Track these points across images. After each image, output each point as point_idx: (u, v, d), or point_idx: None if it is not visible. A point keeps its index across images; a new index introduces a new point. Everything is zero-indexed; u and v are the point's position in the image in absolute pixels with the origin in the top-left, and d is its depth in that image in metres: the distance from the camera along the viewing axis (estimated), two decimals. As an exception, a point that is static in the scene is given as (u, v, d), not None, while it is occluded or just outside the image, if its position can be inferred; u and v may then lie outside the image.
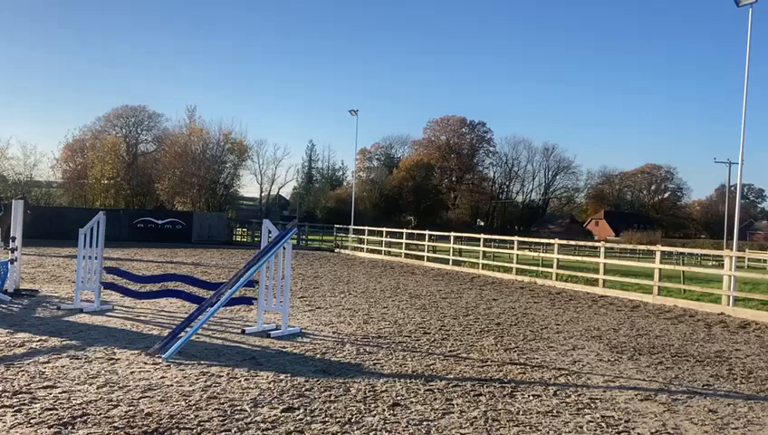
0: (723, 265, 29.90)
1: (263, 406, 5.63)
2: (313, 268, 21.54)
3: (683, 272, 19.41)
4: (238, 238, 42.95)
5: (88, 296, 10.99)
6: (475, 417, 5.62)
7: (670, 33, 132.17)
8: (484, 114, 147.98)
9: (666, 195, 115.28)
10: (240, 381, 6.41)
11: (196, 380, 6.40)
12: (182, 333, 7.75)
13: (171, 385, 6.16)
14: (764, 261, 38.48)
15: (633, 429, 5.50)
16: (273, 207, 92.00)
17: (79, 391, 5.83)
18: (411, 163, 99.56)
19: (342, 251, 33.48)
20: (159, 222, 35.36)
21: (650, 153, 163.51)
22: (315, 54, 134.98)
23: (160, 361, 7.10)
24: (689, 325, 12.25)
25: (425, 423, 5.37)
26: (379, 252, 30.74)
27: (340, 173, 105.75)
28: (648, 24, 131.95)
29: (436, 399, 6.12)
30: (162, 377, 6.45)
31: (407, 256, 28.12)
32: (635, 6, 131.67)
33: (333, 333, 9.45)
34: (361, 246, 33.32)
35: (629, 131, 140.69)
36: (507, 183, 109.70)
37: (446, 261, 25.34)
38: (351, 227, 36.86)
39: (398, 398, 6.09)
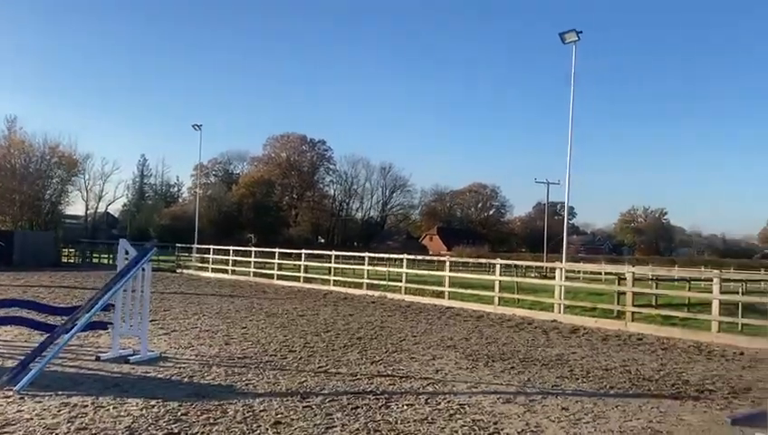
0: (546, 276, 32.63)
1: (140, 433, 5.40)
2: (158, 290, 20.55)
3: (516, 283, 20.95)
4: (64, 259, 39.71)
5: None
6: (357, 429, 5.79)
7: (499, 62, 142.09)
8: (325, 132, 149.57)
9: (491, 212, 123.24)
10: (108, 410, 6.08)
11: (59, 411, 5.98)
12: (32, 364, 7.18)
13: (31, 419, 5.71)
14: (579, 271, 42.62)
15: (502, 429, 5.95)
16: (100, 224, 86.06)
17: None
18: (251, 180, 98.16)
19: (185, 271, 32.24)
20: (-30, 243, 31.80)
21: (477, 173, 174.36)
22: (145, 66, 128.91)
23: (11, 393, 6.53)
24: (529, 332, 13.32)
25: (311, 439, 5.45)
26: (225, 271, 29.99)
27: (176, 189, 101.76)
28: (478, 53, 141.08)
29: (316, 414, 6.21)
30: (18, 411, 5.95)
31: (255, 274, 27.73)
32: (465, 36, 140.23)
33: (196, 355, 9.18)
34: (206, 265, 32.30)
35: (459, 152, 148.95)
36: (347, 200, 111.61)
37: (296, 278, 25.33)
38: (195, 245, 35.61)
39: (279, 416, 6.10)
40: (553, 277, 19.02)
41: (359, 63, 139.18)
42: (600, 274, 35.45)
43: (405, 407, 6.63)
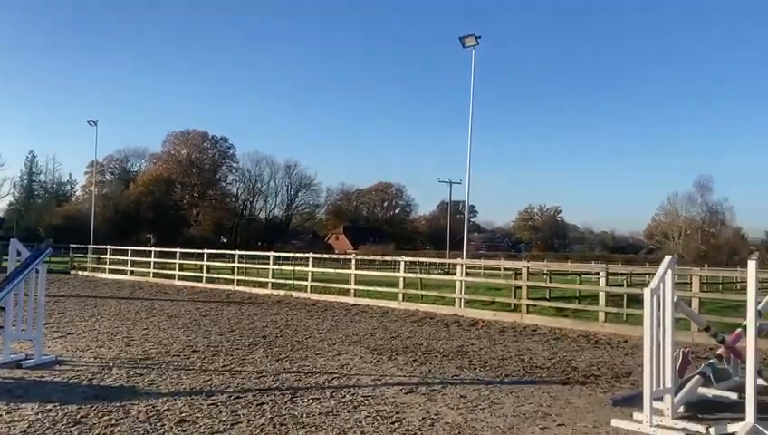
0: (449, 272, 33.56)
1: (38, 438, 5.28)
2: (51, 292, 19.61)
3: (420, 280, 21.51)
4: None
5: None
6: (263, 424, 5.88)
7: (403, 64, 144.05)
8: (227, 129, 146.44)
9: (396, 211, 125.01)
10: (1, 416, 5.87)
11: (-54, 420, 5.72)
12: None
13: None
14: (479, 267, 44.15)
15: (404, 418, 6.21)
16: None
17: None
18: (150, 178, 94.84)
19: (81, 272, 30.84)
20: None
21: (383, 172, 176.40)
22: (34, 62, 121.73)
23: None
24: (432, 326, 13.76)
25: (216, 435, 5.50)
26: (123, 272, 28.94)
27: (68, 188, 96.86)
28: (383, 55, 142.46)
29: (221, 412, 6.25)
30: None
31: (155, 275, 26.94)
32: (370, 36, 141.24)
33: (95, 358, 8.93)
34: (102, 266, 31.05)
35: (365, 151, 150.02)
36: (251, 199, 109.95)
37: (198, 279, 24.84)
38: (91, 246, 34.11)
39: (183, 415, 6.09)
40: (455, 273, 19.65)
41: (262, 62, 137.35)
42: (499, 269, 36.80)
43: (310, 401, 6.77)
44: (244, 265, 26.61)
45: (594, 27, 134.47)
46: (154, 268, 27.56)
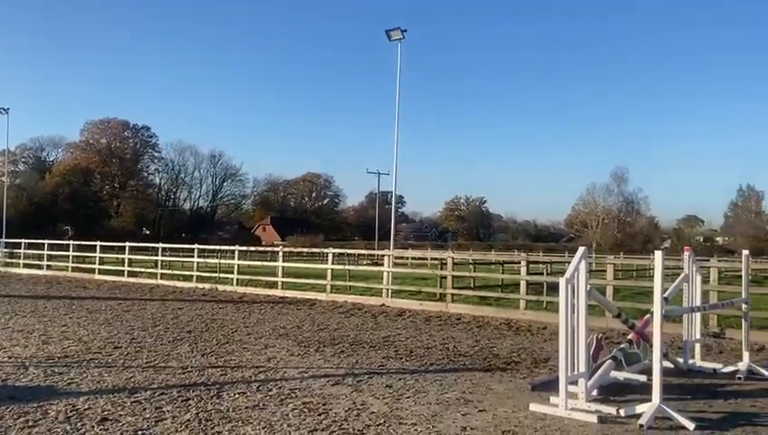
0: (377, 263, 33.82)
1: (-51, 443, 5.07)
2: (-42, 289, 18.67)
3: (348, 271, 21.60)
4: None
5: None
6: (189, 420, 5.84)
7: (332, 54, 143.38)
8: (149, 119, 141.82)
9: (325, 201, 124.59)
10: None
11: None
12: None
13: None
14: (407, 258, 44.67)
15: (330, 410, 6.29)
16: None
17: None
18: (67, 168, 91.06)
19: (-9, 268, 29.37)
20: None
21: (311, 162, 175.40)
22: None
23: None
24: (359, 317, 13.90)
25: (140, 433, 5.42)
26: (39, 267, 27.73)
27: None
28: (312, 44, 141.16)
29: (145, 409, 6.16)
30: None
31: (74, 269, 25.98)
32: (299, 26, 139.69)
33: (9, 357, 8.60)
34: (16, 261, 29.64)
35: (292, 142, 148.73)
36: (174, 190, 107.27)
37: (120, 273, 24.11)
38: (3, 240, 32.49)
39: (105, 413, 5.97)
40: (383, 264, 19.87)
41: (186, 49, 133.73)
42: (426, 259, 37.38)
43: (236, 395, 6.76)
44: (167, 259, 25.99)
45: (520, 21, 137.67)
46: (73, 262, 26.58)
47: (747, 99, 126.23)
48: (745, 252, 8.85)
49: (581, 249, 6.64)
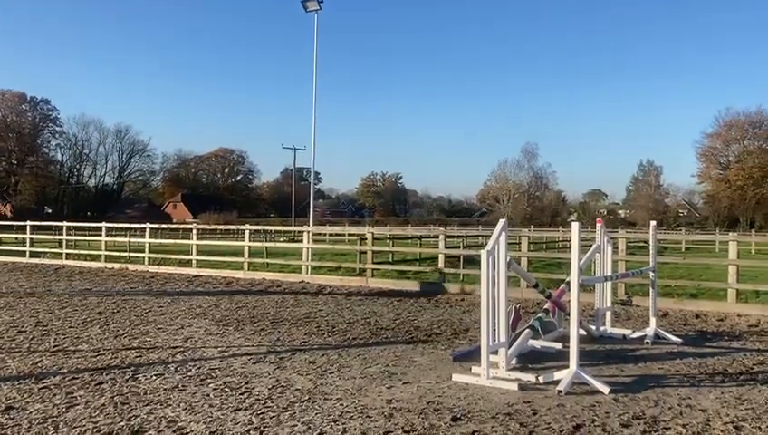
0: (295, 240, 33.50)
1: None
2: None
3: (266, 248, 21.24)
4: None
5: None
6: (103, 404, 5.57)
7: (248, 33, 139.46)
8: (49, 91, 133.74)
9: (239, 177, 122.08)
10: None
11: None
12: None
13: None
14: (325, 234, 44.56)
15: (253, 388, 6.16)
16: None
17: None
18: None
19: None
20: None
21: (223, 137, 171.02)
22: None
23: None
24: (279, 294, 13.71)
25: (50, 420, 5.13)
26: (-74, 249, 25.80)
27: None
28: (223, 13, 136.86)
29: (54, 395, 5.83)
30: None
31: (-34, 251, 24.30)
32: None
33: None
34: None
35: (203, 116, 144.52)
36: (78, 166, 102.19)
37: (21, 253, 22.75)
38: None
39: (11, 401, 5.62)
40: (301, 241, 19.67)
41: (86, 19, 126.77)
42: (344, 235, 37.35)
43: (154, 377, 6.51)
44: (73, 238, 24.77)
45: (432, 1, 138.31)
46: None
47: (647, 78, 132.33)
48: (653, 223, 9.28)
49: (502, 222, 6.75)
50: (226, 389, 6.11)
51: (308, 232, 18.59)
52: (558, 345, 7.75)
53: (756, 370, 7.10)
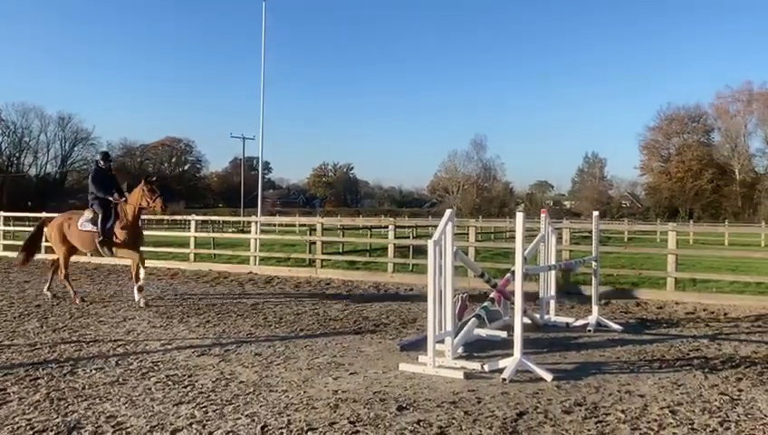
0: (243, 230, 33.08)
1: None
2: None
3: (213, 238, 20.94)
4: None
5: None
6: (38, 400, 5.38)
7: (198, 22, 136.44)
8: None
9: (186, 167, 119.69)
10: None
11: None
12: None
13: None
14: (275, 224, 44.18)
15: (197, 381, 6.04)
16: None
17: None
18: None
19: None
20: None
21: (170, 126, 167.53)
22: None
23: None
24: (226, 286, 13.51)
25: (-19, 418, 4.93)
26: None
27: None
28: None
29: (-14, 392, 5.61)
30: None
31: None
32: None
33: None
34: None
35: (148, 104, 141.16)
36: (17, 154, 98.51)
37: (-47, 245, 21.80)
38: None
39: (-62, 400, 5.38)
40: (250, 231, 19.41)
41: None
42: (294, 225, 37.08)
43: (93, 371, 6.33)
44: (11, 229, 23.88)
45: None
46: None
47: (592, 72, 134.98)
48: (596, 213, 9.49)
49: (449, 211, 6.78)
50: (169, 382, 5.98)
51: (256, 222, 18.35)
52: (503, 334, 7.85)
53: (692, 355, 7.34)
